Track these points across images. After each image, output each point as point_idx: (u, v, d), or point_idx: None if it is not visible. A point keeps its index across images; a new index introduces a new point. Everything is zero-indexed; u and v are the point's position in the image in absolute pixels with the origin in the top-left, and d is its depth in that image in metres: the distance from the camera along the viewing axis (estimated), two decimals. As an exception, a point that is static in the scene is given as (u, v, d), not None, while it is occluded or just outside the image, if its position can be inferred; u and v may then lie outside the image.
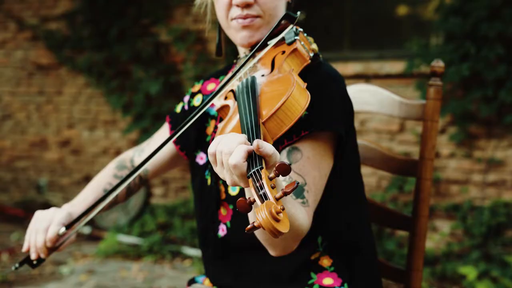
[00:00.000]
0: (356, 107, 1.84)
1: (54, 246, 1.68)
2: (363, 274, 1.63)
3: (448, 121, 4.59)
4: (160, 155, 1.87)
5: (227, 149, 1.13)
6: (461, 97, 4.47)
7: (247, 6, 1.54)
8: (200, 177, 1.75)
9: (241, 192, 1.60)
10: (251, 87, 1.35)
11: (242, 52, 1.69)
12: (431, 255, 4.58)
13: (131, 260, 5.31)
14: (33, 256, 1.69)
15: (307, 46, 1.50)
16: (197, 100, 1.82)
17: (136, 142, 6.28)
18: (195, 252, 5.26)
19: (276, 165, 1.06)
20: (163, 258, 5.31)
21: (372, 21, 5.41)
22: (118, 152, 6.49)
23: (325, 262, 1.59)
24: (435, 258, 4.60)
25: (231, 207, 1.63)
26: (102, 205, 1.57)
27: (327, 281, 1.55)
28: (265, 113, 1.25)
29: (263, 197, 1.04)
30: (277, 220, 1.00)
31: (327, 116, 1.45)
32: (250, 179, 1.10)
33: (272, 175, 1.09)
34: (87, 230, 6.11)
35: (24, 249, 1.70)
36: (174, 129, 1.85)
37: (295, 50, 1.46)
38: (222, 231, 1.67)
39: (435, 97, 1.76)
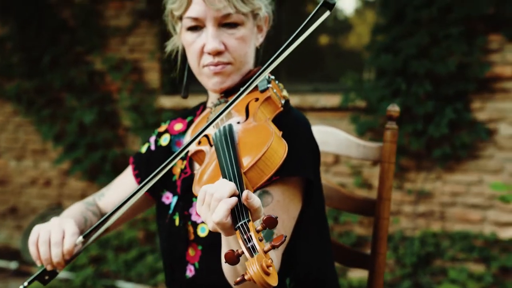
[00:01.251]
0: (316, 148, 1.91)
1: (70, 258, 1.62)
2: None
3: (381, 153, 4.78)
4: (121, 196, 1.88)
5: (218, 195, 1.17)
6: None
7: (218, 53, 1.60)
8: (166, 217, 1.76)
9: (210, 234, 1.62)
10: (229, 136, 1.39)
11: (214, 96, 1.74)
12: (364, 284, 4.71)
13: (64, 295, 5.13)
14: (49, 268, 1.61)
15: (279, 94, 1.57)
16: (164, 140, 1.85)
17: (67, 173, 6.13)
18: (131, 286, 5.15)
19: (264, 219, 1.11)
20: (97, 293, 5.17)
21: (307, 55, 5.61)
22: (47, 183, 6.30)
23: (293, 304, 1.63)
24: (370, 286, 4.74)
25: (200, 248, 1.65)
26: (122, 209, 1.52)
27: None
28: (246, 163, 1.29)
29: (252, 250, 1.08)
30: (268, 274, 1.04)
31: (297, 162, 1.51)
32: (238, 232, 1.14)
33: (259, 227, 1.13)
34: (13, 265, 5.86)
35: (38, 264, 1.61)
36: (138, 169, 1.86)
37: (269, 98, 1.52)
38: (190, 271, 1.68)
39: (391, 140, 1.86)
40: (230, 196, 1.17)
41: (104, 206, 1.89)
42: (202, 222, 1.64)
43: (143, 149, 1.90)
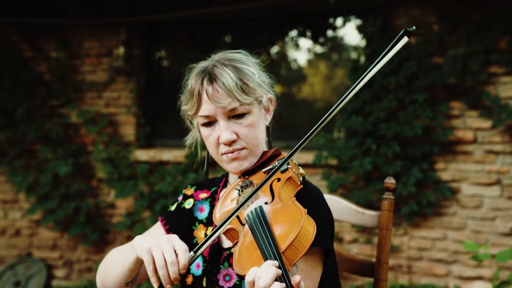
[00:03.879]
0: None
1: (185, 273, 1.70)
2: None
3: (351, 209, 5.02)
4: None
5: (263, 284, 1.36)
6: (363, 188, 4.95)
7: (232, 142, 1.81)
8: (187, 276, 1.91)
9: None
10: (263, 218, 1.57)
11: (234, 177, 1.93)
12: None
13: None
14: (167, 287, 1.63)
15: (297, 172, 1.78)
16: (188, 204, 2.02)
17: (38, 223, 6.13)
18: None
19: None
20: None
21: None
22: (17, 233, 6.27)
23: None
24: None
25: None
26: (223, 228, 1.63)
27: None
28: (283, 243, 1.47)
29: None
30: None
31: (317, 234, 1.70)
32: None
33: None
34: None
35: (155, 285, 1.64)
36: (169, 224, 2.01)
37: (290, 178, 1.72)
38: None
39: (388, 209, 2.08)
40: (275, 278, 1.36)
41: None
42: (229, 287, 1.81)
43: (173, 208, 2.06)
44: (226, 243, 1.90)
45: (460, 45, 4.66)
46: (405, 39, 1.60)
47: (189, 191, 2.07)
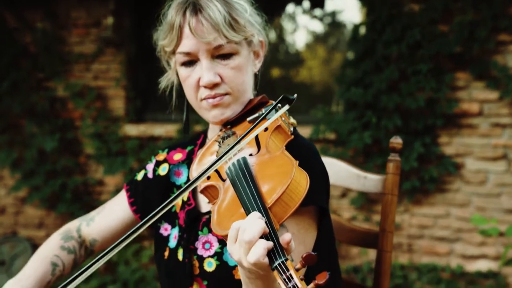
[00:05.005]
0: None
1: None
2: None
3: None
4: (112, 223, 1.81)
5: (248, 238, 1.14)
6: (362, 163, 4.72)
7: (214, 86, 1.56)
8: (165, 249, 1.69)
9: (218, 269, 1.56)
10: (247, 170, 1.34)
11: (216, 128, 1.69)
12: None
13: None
14: None
15: (287, 121, 1.54)
16: (162, 170, 1.79)
17: (24, 200, 5.90)
18: (91, 320, 4.95)
19: (304, 256, 1.09)
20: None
21: (261, 88, 5.65)
22: (2, 211, 6.04)
23: None
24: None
25: (205, 283, 1.58)
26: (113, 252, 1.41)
27: None
28: (270, 197, 1.24)
29: None
30: None
31: (311, 191, 1.47)
32: (276, 272, 1.11)
33: (298, 266, 1.10)
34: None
35: None
36: (134, 197, 1.79)
37: (279, 127, 1.48)
38: None
39: (394, 172, 1.85)
40: (261, 235, 1.15)
41: (91, 232, 1.81)
42: (209, 257, 1.58)
43: (139, 176, 1.82)
44: (205, 207, 1.66)
45: (467, 11, 4.40)
46: (285, 107, 1.44)
47: (161, 155, 1.83)
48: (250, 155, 1.42)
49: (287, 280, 1.07)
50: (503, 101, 4.39)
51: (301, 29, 5.91)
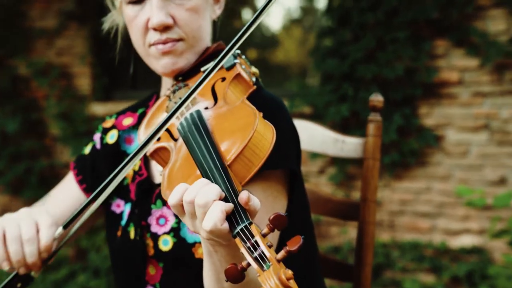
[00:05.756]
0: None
1: (49, 257, 1.30)
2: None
3: (327, 161, 4.62)
4: (62, 212, 1.55)
5: (202, 201, 0.94)
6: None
7: (165, 29, 1.34)
8: (117, 228, 1.47)
9: (175, 248, 1.34)
10: (201, 124, 1.13)
11: (169, 82, 1.47)
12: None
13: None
14: (22, 272, 1.29)
15: (248, 70, 1.32)
16: (111, 137, 1.56)
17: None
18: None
19: (271, 218, 0.89)
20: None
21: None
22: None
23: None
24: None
25: (161, 265, 1.37)
26: (107, 192, 1.21)
27: None
28: (229, 154, 1.04)
29: (261, 260, 0.86)
30: None
31: (279, 152, 1.25)
32: (238, 239, 0.91)
33: (265, 230, 0.90)
34: None
35: (5, 267, 1.28)
36: (82, 174, 1.56)
37: (238, 75, 1.27)
38: None
39: (375, 133, 1.65)
40: (218, 198, 0.95)
41: None
42: (165, 234, 1.36)
43: (87, 150, 1.60)
44: (159, 177, 1.45)
45: (445, -25, 4.21)
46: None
47: (109, 122, 1.60)
48: (206, 108, 1.21)
49: (251, 248, 0.88)
50: (483, 69, 4.22)
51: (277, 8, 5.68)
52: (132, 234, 1.40)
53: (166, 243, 1.35)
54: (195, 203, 0.94)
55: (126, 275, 1.43)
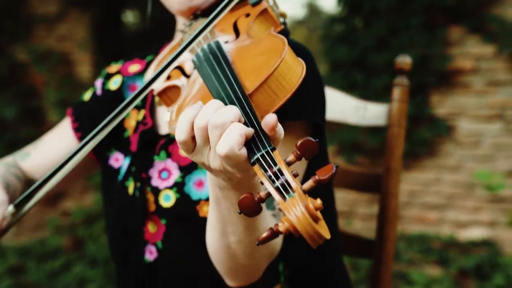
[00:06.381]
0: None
1: None
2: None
3: (335, 150, 4.48)
4: (52, 157, 1.42)
5: (219, 120, 0.78)
6: (349, 126, 4.39)
7: None
8: (115, 184, 1.33)
9: (178, 203, 1.21)
10: (220, 53, 0.99)
11: (182, 23, 1.32)
12: None
13: (-24, 313, 4.50)
14: None
15: (276, 9, 1.18)
16: (114, 83, 1.42)
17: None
18: (57, 300, 4.58)
19: (299, 144, 0.75)
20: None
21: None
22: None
23: (286, 297, 1.25)
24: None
25: (163, 221, 1.23)
26: (60, 174, 1.09)
27: None
28: (250, 83, 0.89)
29: (283, 190, 0.72)
30: (316, 221, 0.68)
31: (304, 102, 1.11)
32: (257, 166, 0.76)
33: (291, 158, 0.76)
34: None
35: None
36: (79, 121, 1.42)
37: (265, 11, 1.12)
38: (150, 254, 1.26)
39: (401, 99, 1.52)
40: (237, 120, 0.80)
41: (30, 168, 1.43)
42: (167, 188, 1.22)
43: (87, 96, 1.46)
44: (165, 127, 1.30)
45: (461, -41, 4.07)
46: None
47: (114, 67, 1.46)
48: (226, 42, 1.07)
49: (273, 176, 0.74)
50: (499, 57, 4.07)
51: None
52: (130, 190, 1.27)
53: (167, 199, 1.22)
54: (209, 124, 0.79)
55: (123, 235, 1.29)
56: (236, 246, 0.99)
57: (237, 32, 1.08)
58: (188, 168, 1.21)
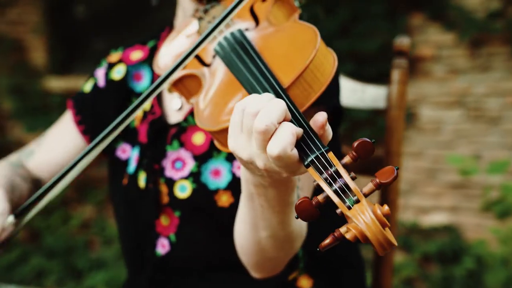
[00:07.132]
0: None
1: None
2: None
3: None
4: (57, 156, 1.38)
5: (267, 119, 0.74)
6: (347, 109, 4.41)
7: None
8: (123, 176, 1.28)
9: (194, 194, 1.17)
10: (246, 43, 0.95)
11: (189, 8, 1.27)
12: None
13: None
14: None
15: None
16: (117, 72, 1.37)
17: None
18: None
19: (355, 144, 0.73)
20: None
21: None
22: None
23: (304, 283, 1.25)
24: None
25: (177, 214, 1.20)
26: (68, 177, 1.03)
27: None
28: (285, 76, 0.86)
29: (342, 193, 0.71)
30: (385, 228, 0.68)
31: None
32: (312, 169, 0.74)
33: (347, 159, 0.74)
34: None
35: None
36: (81, 114, 1.37)
37: None
38: (162, 247, 1.23)
39: (401, 80, 1.52)
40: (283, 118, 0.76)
41: (35, 167, 1.37)
42: (182, 179, 1.18)
43: (87, 88, 1.41)
44: (174, 116, 1.26)
45: None
46: None
47: (114, 56, 1.41)
48: (246, 30, 1.03)
49: (330, 179, 0.72)
50: (459, 45, 4.17)
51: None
52: (141, 182, 1.23)
53: (183, 190, 1.18)
54: (259, 123, 0.75)
55: (135, 227, 1.25)
56: (267, 241, 0.97)
57: (255, 18, 1.05)
58: (203, 157, 1.17)
